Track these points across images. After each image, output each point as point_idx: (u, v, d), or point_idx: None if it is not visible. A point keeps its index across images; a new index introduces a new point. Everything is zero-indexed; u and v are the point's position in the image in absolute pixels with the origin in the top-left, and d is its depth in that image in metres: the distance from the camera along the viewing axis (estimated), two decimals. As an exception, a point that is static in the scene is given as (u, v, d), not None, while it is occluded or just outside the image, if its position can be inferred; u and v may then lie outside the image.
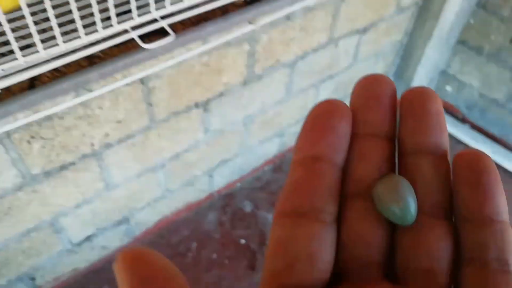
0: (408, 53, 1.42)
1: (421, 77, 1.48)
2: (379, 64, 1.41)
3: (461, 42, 1.40)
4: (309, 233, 0.17)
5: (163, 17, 0.51)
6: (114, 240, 1.20)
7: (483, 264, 0.17)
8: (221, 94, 1.04)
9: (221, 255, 1.24)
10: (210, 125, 1.10)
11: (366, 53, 1.31)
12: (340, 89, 1.35)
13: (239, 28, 0.63)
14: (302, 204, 0.17)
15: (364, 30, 1.21)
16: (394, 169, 0.19)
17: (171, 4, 0.50)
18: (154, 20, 0.52)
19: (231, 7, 0.60)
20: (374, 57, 1.36)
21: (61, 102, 0.71)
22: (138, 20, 0.48)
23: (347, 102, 0.19)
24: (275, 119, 1.26)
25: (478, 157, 0.18)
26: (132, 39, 0.52)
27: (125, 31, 0.51)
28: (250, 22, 0.60)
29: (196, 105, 1.01)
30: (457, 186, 0.18)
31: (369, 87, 0.19)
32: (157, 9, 0.48)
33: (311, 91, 1.27)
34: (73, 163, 0.91)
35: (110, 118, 0.89)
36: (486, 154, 0.18)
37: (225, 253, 1.24)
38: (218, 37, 0.74)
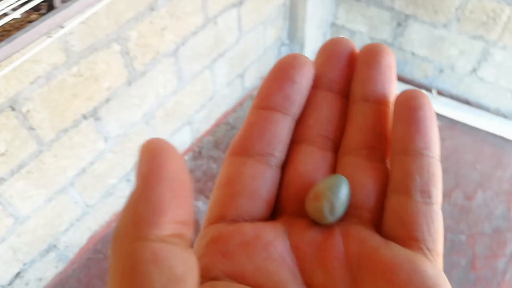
0: (293, 14, 1.45)
1: (313, 34, 1.52)
2: (268, 31, 1.43)
3: (340, -8, 1.44)
4: (254, 173, 0.19)
5: None
6: (47, 270, 1.18)
7: (407, 194, 0.18)
8: (107, 100, 1.02)
9: (159, 253, 1.24)
10: (108, 132, 1.08)
11: (251, 23, 1.32)
12: (236, 64, 1.36)
13: (35, 45, 0.60)
14: (252, 146, 0.19)
15: (240, 3, 1.22)
16: (343, 120, 0.21)
17: None
18: None
19: (24, 23, 0.57)
20: (262, 25, 1.38)
21: None
22: None
23: (248, 75, 0.20)
24: (177, 109, 1.25)
25: (414, 95, 0.19)
26: None
27: None
28: (48, 36, 0.58)
29: (84, 117, 0.99)
30: (394, 123, 0.19)
31: (330, 48, 0.21)
32: None
33: (206, 73, 1.28)
34: (-33, 208, 0.88)
35: (-9, 153, 0.86)
36: (422, 93, 0.19)
37: (163, 251, 1.25)
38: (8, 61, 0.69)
